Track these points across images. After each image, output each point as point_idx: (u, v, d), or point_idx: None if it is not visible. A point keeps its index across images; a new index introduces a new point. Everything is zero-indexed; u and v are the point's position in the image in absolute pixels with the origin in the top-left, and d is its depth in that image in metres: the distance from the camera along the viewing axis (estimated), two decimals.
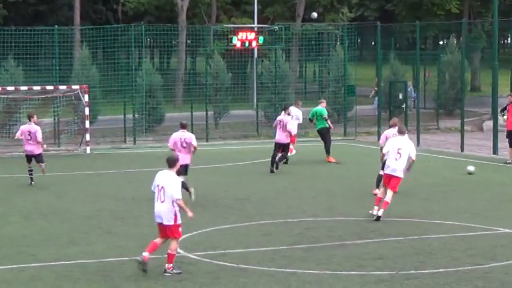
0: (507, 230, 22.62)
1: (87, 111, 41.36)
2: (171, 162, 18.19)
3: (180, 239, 18.56)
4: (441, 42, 77.17)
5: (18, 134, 30.92)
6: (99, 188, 30.18)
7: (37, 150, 30.50)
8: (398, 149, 24.32)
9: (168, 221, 17.97)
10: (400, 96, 47.03)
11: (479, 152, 39.87)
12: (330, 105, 52.10)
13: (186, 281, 17.57)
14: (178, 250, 20.28)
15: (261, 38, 50.95)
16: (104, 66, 47.60)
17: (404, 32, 74.63)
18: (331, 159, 36.40)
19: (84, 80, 43.95)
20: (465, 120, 43.00)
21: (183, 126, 27.79)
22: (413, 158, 24.39)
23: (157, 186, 18.15)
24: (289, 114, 35.10)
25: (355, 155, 40.18)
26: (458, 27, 59.73)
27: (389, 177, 24.40)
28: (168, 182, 17.96)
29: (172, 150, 26.72)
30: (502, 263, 19.02)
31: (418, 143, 42.54)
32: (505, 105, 36.93)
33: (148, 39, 53.90)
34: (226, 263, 19.01)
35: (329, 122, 37.44)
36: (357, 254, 19.86)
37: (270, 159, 34.02)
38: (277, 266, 18.78)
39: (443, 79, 53.67)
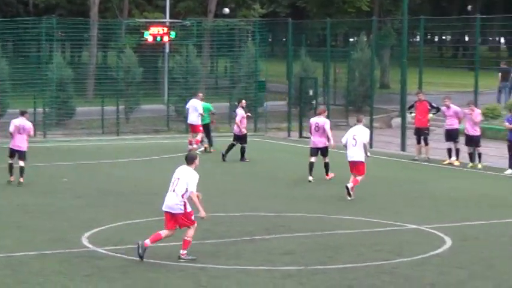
0: (414, 226, 22.90)
1: None
2: (189, 159, 19.26)
3: (194, 226, 19.01)
4: (351, 40, 77.70)
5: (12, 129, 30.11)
6: (6, 180, 29.76)
7: (25, 146, 29.86)
8: (353, 136, 27.29)
9: (180, 209, 18.61)
10: (311, 93, 47.25)
11: (388, 149, 40.26)
12: None
13: (95, 276, 17.49)
14: (87, 244, 20.25)
15: (172, 33, 50.94)
16: (14, 59, 47.13)
17: (315, 28, 74.88)
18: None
19: None
20: (374, 117, 43.40)
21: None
22: (365, 142, 27.33)
23: (174, 178, 18.91)
24: (242, 107, 36.22)
25: (265, 151, 40.32)
26: (368, 24, 60.11)
27: (353, 163, 27.28)
28: (185, 175, 18.81)
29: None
30: (409, 259, 19.26)
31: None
32: (412, 103, 37.39)
33: (60, 33, 53.35)
34: (135, 258, 18.94)
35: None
36: (265, 249, 19.95)
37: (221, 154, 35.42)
38: (186, 260, 18.78)
39: (353, 76, 54.03)
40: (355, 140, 27.17)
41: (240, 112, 35.78)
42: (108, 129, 46.30)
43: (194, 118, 38.08)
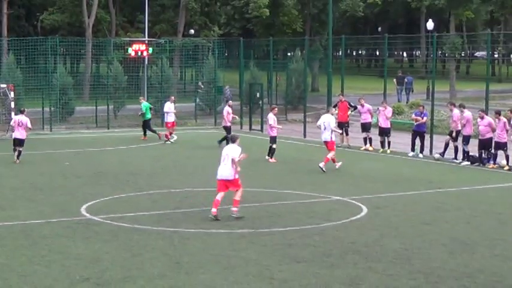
0: (338, 197, 22.96)
1: (12, 104, 40.67)
2: (233, 139, 20.52)
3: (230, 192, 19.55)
4: (289, 54, 77.75)
5: (12, 123, 31.04)
6: (23, 165, 29.53)
7: (24, 136, 30.25)
8: (323, 122, 29.07)
9: (232, 176, 19.64)
10: (258, 95, 47.21)
11: (318, 138, 40.21)
12: (204, 102, 52.28)
13: (92, 238, 17.39)
14: (86, 214, 20.11)
15: (150, 49, 50.64)
16: (26, 69, 46.67)
17: (261, 45, 74.93)
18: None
19: (10, 80, 43.16)
20: (307, 113, 43.48)
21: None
22: (332, 127, 28.89)
23: (224, 155, 19.94)
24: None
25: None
26: (302, 42, 60.21)
27: (325, 143, 29.10)
28: (231, 150, 19.88)
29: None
30: (335, 223, 19.31)
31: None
32: (335, 103, 37.52)
33: (62, 49, 52.92)
34: (123, 224, 18.87)
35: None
36: (224, 216, 19.90)
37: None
38: (163, 226, 18.73)
39: (290, 82, 54.16)
40: (325, 126, 28.94)
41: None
42: (100, 123, 46.05)
43: (169, 118, 38.19)
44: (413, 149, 33.50)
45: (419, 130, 33.29)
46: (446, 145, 31.85)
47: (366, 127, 35.81)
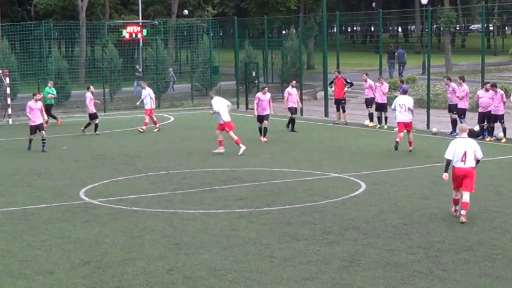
0: (336, 175, 22.97)
1: (8, 90, 40.54)
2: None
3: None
4: (284, 32, 77.65)
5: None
6: (20, 151, 29.51)
7: (41, 121, 29.89)
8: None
9: (410, 120, 23.34)
10: (253, 74, 47.13)
11: (314, 116, 40.34)
12: (200, 82, 52.16)
13: (91, 222, 17.39)
14: (84, 198, 20.12)
15: (144, 31, 50.57)
16: (21, 54, 46.53)
17: (256, 24, 74.73)
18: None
19: (5, 66, 42.96)
20: (303, 91, 43.41)
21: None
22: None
23: (400, 104, 23.18)
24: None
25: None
26: (296, 20, 60.17)
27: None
28: (406, 100, 23.34)
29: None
30: (333, 200, 19.32)
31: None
32: (332, 80, 37.43)
33: (56, 33, 52.78)
34: (122, 207, 18.87)
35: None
36: (223, 196, 19.93)
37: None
38: (162, 207, 18.73)
39: (285, 60, 53.93)
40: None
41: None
42: (97, 107, 45.83)
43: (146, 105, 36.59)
44: None
45: None
46: (454, 122, 31.60)
47: (368, 102, 35.70)
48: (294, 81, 35.59)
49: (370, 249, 14.62)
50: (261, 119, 31.32)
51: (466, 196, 16.94)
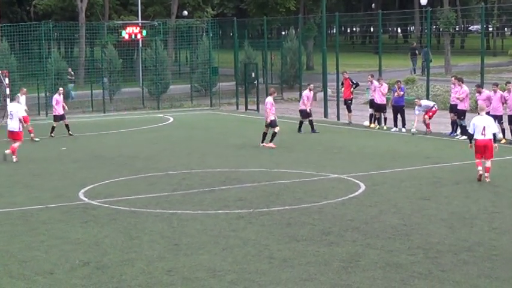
0: (335, 175, 22.96)
1: (7, 91, 40.49)
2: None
3: None
4: (283, 33, 77.64)
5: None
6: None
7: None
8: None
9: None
10: (253, 75, 47.11)
11: (314, 117, 40.20)
12: (199, 83, 52.13)
13: (91, 222, 17.38)
14: (83, 198, 20.10)
15: (144, 32, 50.51)
16: (20, 55, 46.50)
17: (255, 25, 74.79)
18: None
19: (4, 67, 42.94)
20: (303, 92, 43.33)
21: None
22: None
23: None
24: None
25: (218, 121, 40.25)
26: (296, 21, 60.14)
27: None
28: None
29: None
30: (333, 200, 19.31)
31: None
32: (342, 81, 37.59)
33: (55, 34, 52.78)
34: (121, 207, 18.86)
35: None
36: (222, 197, 19.91)
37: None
38: (161, 208, 18.72)
39: (285, 61, 53.99)
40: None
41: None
42: (96, 108, 45.96)
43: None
44: (396, 125, 33.75)
45: (398, 105, 33.70)
46: (454, 123, 31.59)
47: (373, 104, 35.71)
48: (312, 85, 35.30)
49: (369, 250, 14.61)
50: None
51: (488, 163, 21.55)
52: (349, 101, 36.69)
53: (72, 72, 50.48)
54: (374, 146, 29.26)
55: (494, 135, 21.70)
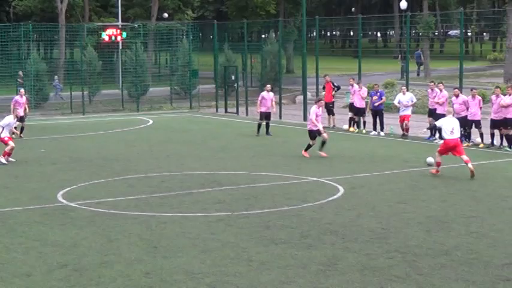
0: (314, 179, 22.99)
1: None
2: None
3: None
4: (263, 36, 77.62)
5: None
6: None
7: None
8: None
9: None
10: (233, 77, 47.16)
11: (293, 120, 40.38)
12: (179, 86, 52.12)
13: (69, 225, 17.31)
14: (62, 200, 20.01)
15: (124, 34, 50.46)
16: None
17: (235, 28, 74.69)
18: None
19: None
20: (282, 95, 43.49)
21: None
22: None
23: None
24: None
25: (198, 123, 40.20)
26: (276, 24, 60.18)
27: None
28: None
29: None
30: (311, 204, 19.32)
31: (246, 114, 42.90)
32: (323, 84, 37.72)
33: (35, 35, 52.62)
34: (99, 209, 18.79)
35: None
36: (201, 199, 19.89)
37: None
38: (140, 210, 18.67)
39: (265, 64, 54.10)
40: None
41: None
42: (75, 109, 45.84)
43: None
44: (375, 128, 33.97)
45: (377, 109, 33.96)
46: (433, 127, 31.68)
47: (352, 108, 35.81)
48: (269, 85, 35.11)
49: (347, 254, 14.64)
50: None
51: (463, 157, 22.84)
52: (331, 105, 36.74)
53: (22, 75, 49.96)
54: (353, 150, 29.33)
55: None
